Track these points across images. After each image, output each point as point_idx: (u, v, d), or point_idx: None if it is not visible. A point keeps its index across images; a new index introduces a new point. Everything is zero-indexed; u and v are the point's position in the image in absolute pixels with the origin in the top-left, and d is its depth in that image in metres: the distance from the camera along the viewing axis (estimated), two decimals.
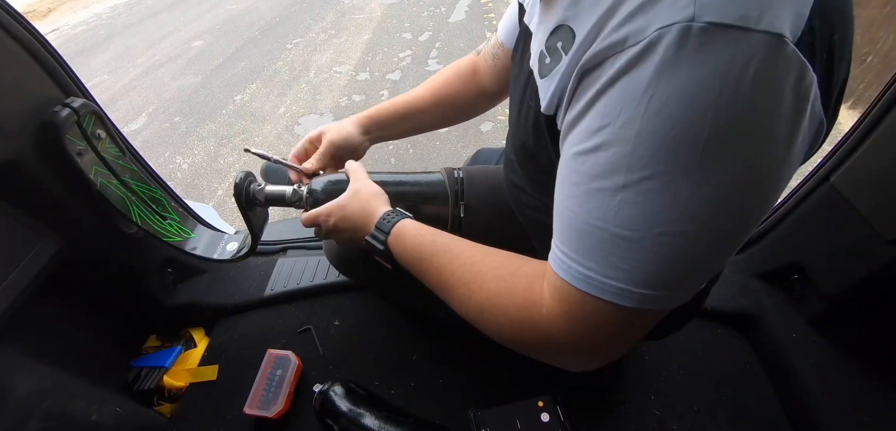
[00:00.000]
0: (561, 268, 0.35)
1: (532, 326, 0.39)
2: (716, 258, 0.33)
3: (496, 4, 4.17)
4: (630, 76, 0.28)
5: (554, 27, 0.37)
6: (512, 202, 0.60)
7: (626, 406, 0.75)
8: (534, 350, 0.41)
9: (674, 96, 0.27)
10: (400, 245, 0.52)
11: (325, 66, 3.36)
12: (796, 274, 0.82)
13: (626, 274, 0.32)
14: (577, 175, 0.33)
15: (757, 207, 0.32)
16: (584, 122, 0.32)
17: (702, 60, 0.26)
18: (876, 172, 0.66)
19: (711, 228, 0.30)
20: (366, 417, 0.67)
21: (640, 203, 0.30)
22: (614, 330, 0.35)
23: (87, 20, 5.49)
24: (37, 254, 0.67)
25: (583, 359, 0.40)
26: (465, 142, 2.29)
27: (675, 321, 0.60)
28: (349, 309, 0.94)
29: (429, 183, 0.68)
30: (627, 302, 0.32)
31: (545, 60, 0.39)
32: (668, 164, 0.28)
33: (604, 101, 0.30)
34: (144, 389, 0.85)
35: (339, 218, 0.59)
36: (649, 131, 0.28)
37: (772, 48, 0.25)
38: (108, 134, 0.73)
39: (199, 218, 0.98)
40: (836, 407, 0.69)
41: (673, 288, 0.32)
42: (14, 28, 0.60)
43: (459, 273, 0.45)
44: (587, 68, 0.32)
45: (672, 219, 0.30)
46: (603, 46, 0.30)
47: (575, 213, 0.34)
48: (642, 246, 0.31)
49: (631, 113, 0.29)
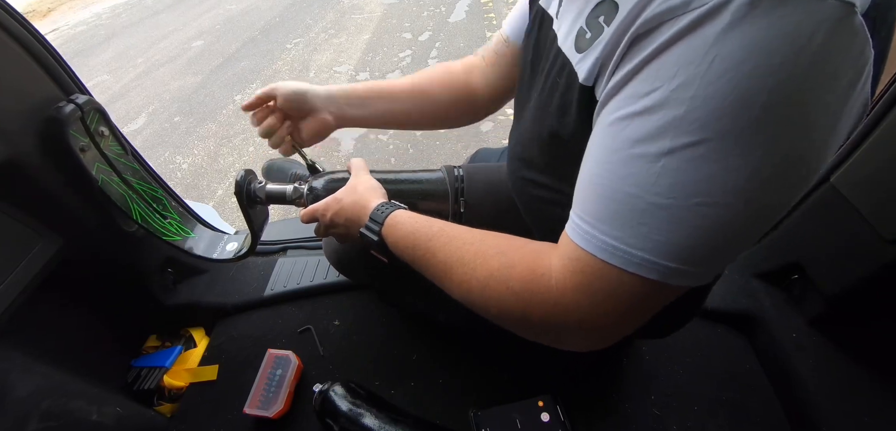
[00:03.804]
0: (581, 237, 0.34)
1: (540, 299, 0.38)
2: (747, 237, 0.32)
3: (496, 4, 4.17)
4: (691, 37, 0.27)
5: (597, 2, 0.36)
6: (521, 200, 0.59)
7: (626, 405, 0.75)
8: (540, 327, 0.40)
9: (738, 59, 0.26)
10: (394, 234, 0.51)
11: (326, 66, 3.36)
12: (796, 274, 0.82)
13: (655, 244, 0.31)
14: (615, 141, 0.32)
15: (798, 185, 0.31)
16: (630, 86, 0.31)
17: (771, 23, 0.25)
18: (876, 172, 0.66)
19: (752, 203, 0.29)
20: (366, 417, 0.67)
21: (684, 169, 0.29)
22: (630, 305, 0.34)
23: (87, 20, 5.49)
24: (37, 253, 0.67)
25: (591, 336, 0.38)
26: (465, 141, 2.29)
27: (675, 319, 0.60)
28: (349, 309, 0.94)
29: (429, 180, 0.69)
30: (652, 274, 0.31)
31: (585, 35, 0.37)
32: (721, 130, 0.27)
33: (657, 64, 0.29)
34: (144, 389, 0.85)
35: (336, 211, 0.59)
36: (707, 94, 0.27)
37: (842, 16, 0.25)
38: (110, 131, 0.73)
39: (199, 218, 0.98)
40: (835, 407, 0.69)
41: (699, 263, 0.32)
42: (14, 28, 0.60)
43: (459, 253, 0.44)
44: (640, 32, 0.30)
45: (715, 190, 0.29)
46: (663, 8, 0.29)
47: (606, 180, 0.33)
48: (677, 216, 0.30)
49: (688, 74, 0.27)
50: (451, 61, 0.74)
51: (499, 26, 0.70)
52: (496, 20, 3.79)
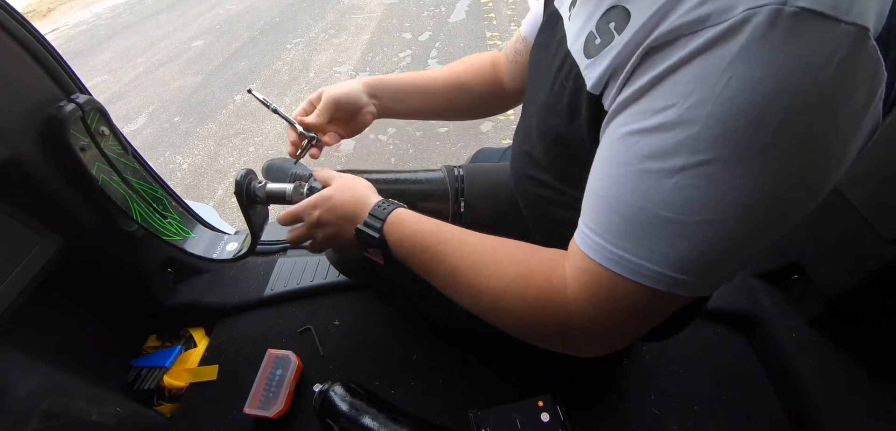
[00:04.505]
0: (591, 249, 0.35)
1: (554, 310, 0.38)
2: (753, 251, 0.33)
3: (496, 4, 4.17)
4: (708, 55, 0.27)
5: (608, 7, 0.36)
6: (523, 198, 0.59)
7: (626, 405, 0.75)
8: (551, 336, 0.40)
9: (754, 80, 0.26)
10: (398, 232, 0.49)
11: (326, 66, 3.36)
12: (796, 274, 0.82)
13: (663, 257, 0.31)
14: (626, 154, 0.33)
15: (805, 205, 0.31)
16: (644, 102, 0.31)
17: (788, 46, 0.25)
18: (876, 172, 0.66)
19: (760, 221, 0.30)
20: (366, 417, 0.67)
21: (696, 186, 0.29)
22: (639, 313, 0.35)
23: (87, 20, 5.49)
24: (37, 253, 0.67)
25: (601, 344, 0.39)
26: (465, 141, 2.29)
27: (678, 322, 0.60)
28: (349, 309, 0.94)
29: (429, 180, 0.68)
30: (658, 285, 0.32)
31: (595, 41, 0.37)
32: (734, 150, 0.28)
33: (673, 80, 0.29)
34: (144, 389, 0.85)
35: (326, 209, 0.54)
36: (721, 113, 0.27)
37: (857, 41, 0.25)
38: (111, 131, 0.73)
39: (199, 218, 0.98)
40: (835, 407, 0.69)
41: (704, 275, 0.32)
42: (14, 28, 0.60)
43: (471, 258, 0.43)
44: (655, 45, 0.30)
45: (724, 206, 0.29)
46: (679, 24, 0.29)
47: (616, 193, 0.33)
48: (685, 231, 0.30)
49: (704, 93, 0.28)
50: (480, 54, 0.75)
51: (499, 26, 0.70)
52: (496, 20, 3.79)
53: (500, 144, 1.19)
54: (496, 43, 3.41)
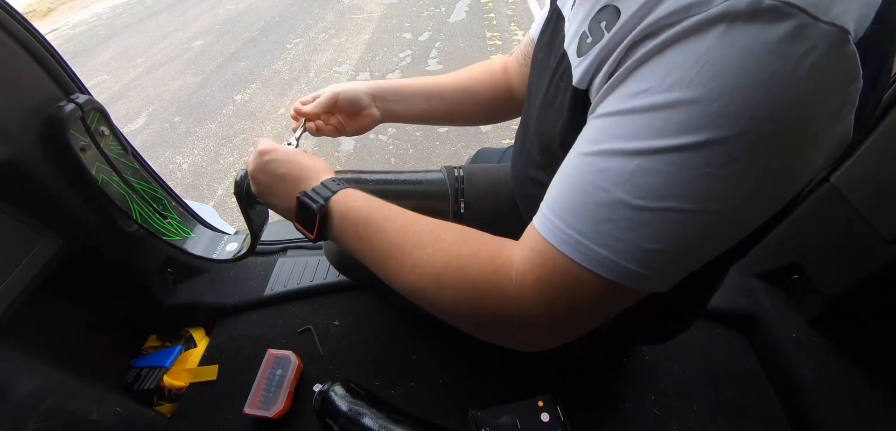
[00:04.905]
0: (545, 228, 0.34)
1: (498, 293, 0.36)
2: (710, 248, 0.32)
3: (496, 4, 4.17)
4: (685, 43, 0.27)
5: (601, 7, 0.36)
6: (522, 198, 0.58)
7: (626, 405, 0.75)
8: (493, 322, 0.38)
9: (727, 68, 0.26)
10: (344, 204, 0.47)
11: (325, 66, 3.36)
12: (796, 274, 0.82)
13: (618, 244, 0.31)
14: (595, 134, 0.32)
15: (768, 204, 0.31)
16: (621, 88, 0.31)
17: (766, 36, 0.25)
18: (876, 172, 0.66)
19: (722, 214, 0.29)
20: (366, 417, 0.67)
21: (659, 171, 0.29)
22: (588, 303, 0.34)
23: (87, 20, 5.49)
24: (37, 253, 0.67)
25: (542, 335, 0.37)
26: (465, 141, 2.30)
27: (678, 324, 0.60)
28: (349, 309, 0.94)
29: (429, 180, 0.68)
30: (611, 275, 0.31)
31: (586, 40, 0.37)
32: (704, 137, 0.27)
33: (649, 66, 0.29)
34: (144, 389, 0.85)
35: (277, 160, 0.54)
36: (690, 98, 0.27)
37: (835, 42, 0.25)
38: (111, 131, 0.73)
39: (199, 218, 0.98)
40: (835, 407, 0.69)
41: (659, 269, 0.31)
42: (14, 28, 0.60)
43: (415, 236, 0.42)
44: (638, 39, 0.30)
45: (685, 195, 0.29)
46: (661, 15, 0.29)
47: (580, 173, 0.33)
48: (644, 218, 0.30)
49: (677, 77, 0.27)
50: (489, 59, 0.75)
51: (499, 26, 0.70)
52: (496, 20, 3.79)
53: (500, 144, 1.19)
54: (496, 43, 3.41)
